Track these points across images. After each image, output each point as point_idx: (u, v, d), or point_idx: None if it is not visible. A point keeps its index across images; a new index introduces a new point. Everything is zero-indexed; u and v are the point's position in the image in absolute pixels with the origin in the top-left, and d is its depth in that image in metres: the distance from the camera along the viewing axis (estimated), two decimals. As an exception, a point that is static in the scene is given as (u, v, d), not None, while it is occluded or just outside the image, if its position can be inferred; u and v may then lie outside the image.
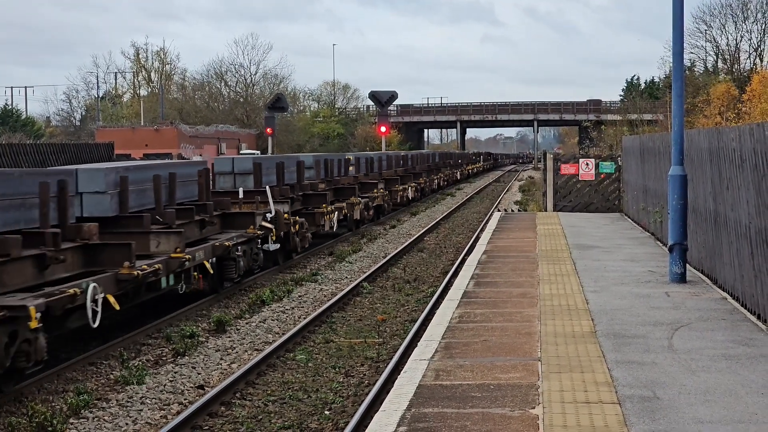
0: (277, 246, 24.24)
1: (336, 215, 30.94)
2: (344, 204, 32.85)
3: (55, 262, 14.72)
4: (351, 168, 39.30)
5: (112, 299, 15.11)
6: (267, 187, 25.26)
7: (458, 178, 79.37)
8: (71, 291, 13.92)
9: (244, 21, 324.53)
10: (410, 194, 48.78)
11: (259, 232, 22.87)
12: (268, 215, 23.88)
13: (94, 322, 14.52)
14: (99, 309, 14.65)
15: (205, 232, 21.19)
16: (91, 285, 14.49)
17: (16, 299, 13.05)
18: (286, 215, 25.00)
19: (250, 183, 26.65)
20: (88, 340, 16.49)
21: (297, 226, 25.96)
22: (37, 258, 14.39)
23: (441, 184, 66.12)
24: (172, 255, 17.61)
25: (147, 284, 16.83)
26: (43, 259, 14.49)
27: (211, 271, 19.99)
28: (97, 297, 14.54)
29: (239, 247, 21.37)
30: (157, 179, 19.25)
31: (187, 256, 17.97)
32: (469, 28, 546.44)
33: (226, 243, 20.61)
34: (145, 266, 16.32)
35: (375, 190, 39.54)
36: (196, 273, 19.29)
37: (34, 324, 12.79)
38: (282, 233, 24.73)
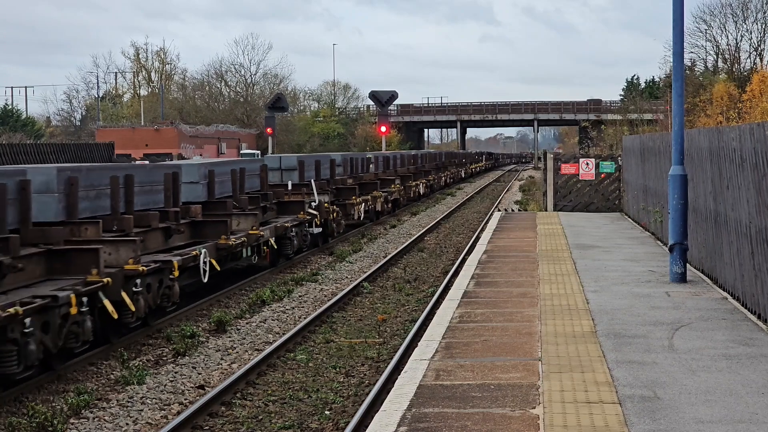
0: (320, 230, 28.80)
1: (363, 206, 35.55)
2: (369, 197, 37.36)
3: (177, 233, 19.81)
4: (371, 166, 43.78)
5: (214, 262, 19.81)
6: (312, 180, 30.12)
7: (463, 176, 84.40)
8: (194, 252, 18.89)
9: (241, 20, 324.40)
10: (421, 190, 53.27)
11: (307, 217, 27.45)
12: (313, 204, 28.62)
13: (204, 277, 19.21)
14: (207, 268, 19.23)
15: (266, 216, 25.51)
16: (203, 249, 19.27)
17: (163, 256, 17.79)
18: (326, 204, 29.70)
19: (294, 177, 30.47)
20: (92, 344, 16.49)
21: (334, 214, 30.77)
22: (165, 229, 19.40)
23: (447, 181, 70.31)
24: (250, 232, 22.21)
25: (232, 254, 21.36)
26: (169, 230, 19.53)
27: (275, 247, 24.39)
28: (205, 259, 19.22)
29: (293, 229, 25.90)
30: (234, 173, 24.11)
31: (262, 233, 22.75)
32: (467, 28, 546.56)
33: (286, 224, 25.23)
34: (234, 239, 20.96)
35: (392, 186, 43.97)
36: (265, 247, 23.57)
37: (176, 273, 17.52)
38: (323, 219, 29.13)
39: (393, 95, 73.98)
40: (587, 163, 33.55)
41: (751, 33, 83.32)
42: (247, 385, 14.07)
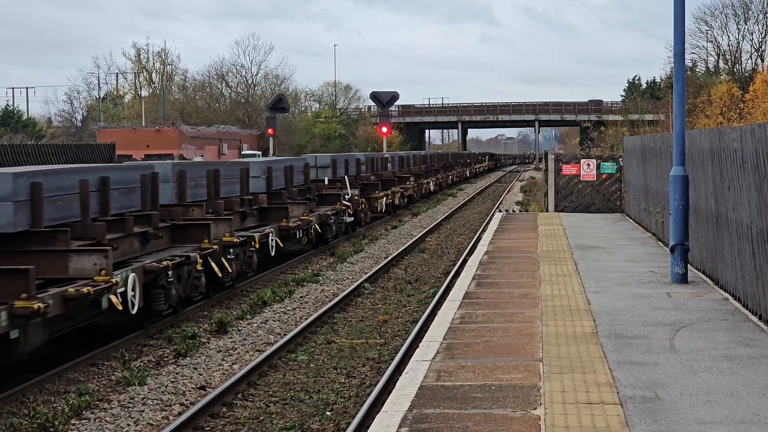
0: (352, 218, 33.64)
1: (384, 200, 40.44)
2: (389, 192, 42.22)
3: (250, 216, 24.73)
4: (389, 165, 48.98)
5: (278, 240, 24.49)
6: (345, 176, 35.22)
7: (468, 175, 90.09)
8: (266, 231, 23.74)
9: (241, 20, 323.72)
10: (432, 187, 59.05)
11: (342, 207, 32.26)
12: (346, 196, 33.34)
13: (272, 251, 24.02)
14: (273, 245, 23.97)
15: (310, 206, 29.39)
16: (272, 229, 24.06)
17: (246, 233, 22.60)
18: (356, 197, 34.68)
19: (328, 174, 35.19)
20: (88, 343, 16.50)
21: (363, 205, 35.95)
22: (241, 213, 24.10)
23: (454, 179, 75.78)
24: (302, 217, 26.76)
25: (288, 235, 25.75)
26: (245, 214, 24.38)
27: (320, 231, 29.14)
28: (273, 237, 23.95)
29: (332, 217, 30.68)
30: (286, 169, 29.10)
31: (311, 218, 27.52)
32: (467, 28, 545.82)
33: (327, 213, 30.32)
34: (292, 222, 25.64)
35: (408, 183, 48.63)
36: (312, 231, 28.05)
37: (256, 246, 22.39)
38: (354, 210, 33.94)
39: (394, 96, 73.98)
40: (588, 164, 33.55)
41: (752, 34, 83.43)
42: (248, 386, 14.07)
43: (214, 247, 19.40)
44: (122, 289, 15.47)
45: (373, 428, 8.97)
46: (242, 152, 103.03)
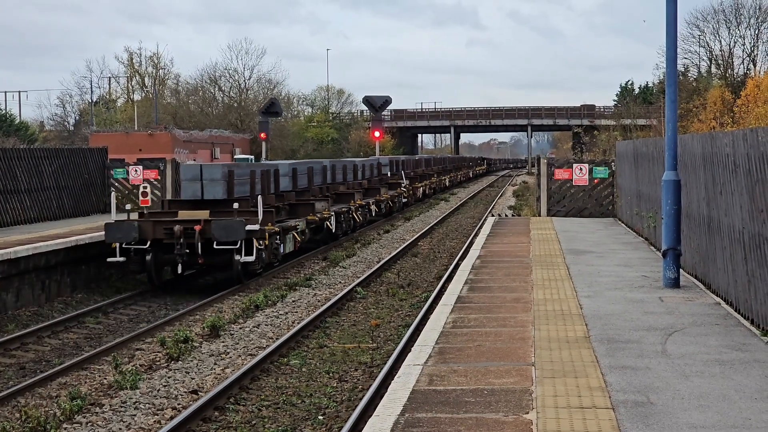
0: (406, 200, 50.47)
1: (421, 189, 58.30)
2: (425, 183, 60.58)
3: (331, 198, 34.10)
4: (422, 164, 65.81)
5: (355, 215, 35.87)
6: (402, 171, 52.32)
7: (471, 175, 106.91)
8: (343, 208, 34.20)
9: (225, 24, 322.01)
10: (447, 183, 75.69)
11: (402, 191, 48.90)
12: (403, 184, 49.53)
13: (367, 217, 37.99)
14: (353, 218, 35.78)
15: (383, 192, 43.59)
16: (334, 211, 32.53)
17: (345, 205, 34.96)
18: (406, 185, 50.52)
19: (388, 170, 50.41)
20: (81, 345, 16.49)
21: (410, 192, 52.19)
22: (327, 196, 33.62)
23: (461, 178, 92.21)
24: (377, 197, 41.43)
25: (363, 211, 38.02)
26: (328, 197, 33.71)
27: (390, 206, 45.34)
28: (352, 213, 35.34)
29: (396, 198, 47.11)
30: (355, 165, 42.56)
31: (387, 197, 44.06)
32: (454, 32, 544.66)
33: (394, 194, 46.68)
34: (364, 201, 38.19)
35: (432, 178, 65.56)
36: (384, 207, 43.10)
37: (333, 220, 32.09)
38: (407, 194, 50.74)
39: (387, 100, 73.89)
40: (581, 169, 33.55)
41: (744, 39, 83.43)
42: (241, 390, 14.07)
43: (317, 217, 29.99)
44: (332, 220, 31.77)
45: (366, 432, 8.97)
46: (234, 156, 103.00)
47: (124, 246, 23.23)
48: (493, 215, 41.91)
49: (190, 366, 15.65)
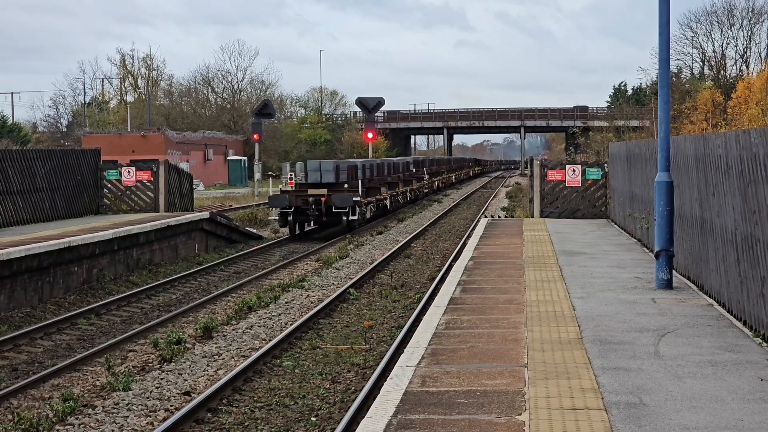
0: (427, 190, 63.58)
1: (436, 183, 72.05)
2: (440, 178, 76.08)
3: (396, 184, 51.55)
4: (435, 163, 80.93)
5: (399, 198, 50.79)
6: (425, 168, 67.61)
7: (471, 174, 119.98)
8: (400, 190, 51.95)
9: (213, 25, 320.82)
10: (453, 180, 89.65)
11: (426, 183, 63.57)
12: (424, 178, 63.71)
13: (404, 201, 54.37)
14: (406, 198, 54.21)
15: (414, 183, 57.58)
16: (390, 194, 47.39)
17: (393, 191, 49.80)
18: (427, 179, 65.57)
19: (413, 168, 62.59)
20: (73, 347, 16.48)
21: (431, 184, 68.11)
22: (389, 183, 49.54)
23: (462, 177, 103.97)
24: (410, 188, 55.73)
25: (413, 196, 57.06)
26: (390, 184, 49.67)
27: (414, 196, 58.33)
28: (398, 197, 50.86)
29: (421, 188, 60.55)
30: (395, 163, 56.36)
31: (415, 187, 58.14)
32: (443, 33, 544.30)
33: (419, 186, 59.72)
34: (405, 189, 53.32)
35: (443, 175, 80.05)
36: (411, 194, 56.57)
37: (389, 200, 47.50)
38: (428, 186, 66.50)
39: (380, 102, 73.93)
40: (574, 170, 33.56)
41: (736, 40, 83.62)
42: (234, 392, 14.06)
43: (389, 195, 46.36)
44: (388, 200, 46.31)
45: (358, 434, 8.96)
46: (228, 158, 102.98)
47: (279, 210, 37.64)
48: (486, 216, 41.94)
49: (182, 367, 15.64)
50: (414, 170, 62.59)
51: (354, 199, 37.52)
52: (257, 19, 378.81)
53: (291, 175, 41.46)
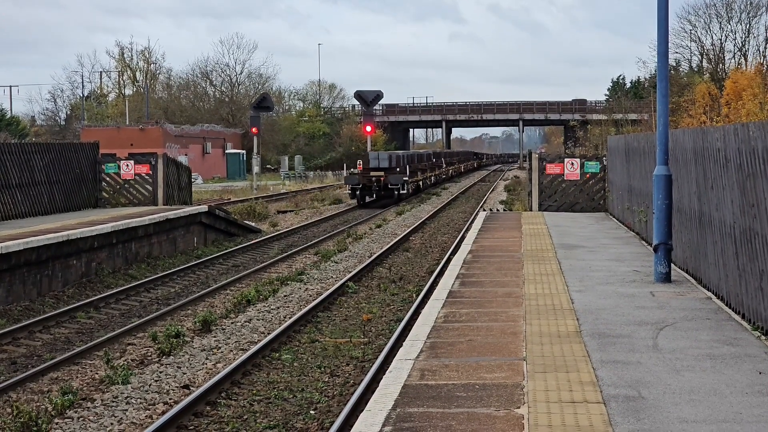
0: (444, 177, 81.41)
1: (451, 171, 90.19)
2: (455, 167, 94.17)
3: (424, 170, 69.46)
4: (450, 155, 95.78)
5: (427, 181, 68.51)
6: (443, 159, 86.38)
7: (476, 166, 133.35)
8: (434, 173, 74.62)
9: (205, 18, 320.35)
10: (462, 169, 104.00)
11: (446, 170, 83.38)
12: (443, 167, 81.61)
13: (430, 184, 71.63)
14: (428, 182, 69.58)
15: (435, 170, 76.20)
16: (423, 177, 66.49)
17: (423, 175, 67.42)
18: (444, 168, 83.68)
19: (433, 158, 77.58)
20: (72, 340, 16.49)
21: (450, 171, 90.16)
22: (419, 169, 66.79)
23: (469, 167, 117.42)
24: (434, 173, 73.78)
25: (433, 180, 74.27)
26: (418, 170, 65.38)
27: (437, 180, 75.94)
28: (427, 180, 68.98)
29: (441, 174, 78.72)
30: (421, 154, 74.86)
31: (437, 173, 76.14)
32: (435, 26, 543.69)
33: (439, 173, 78.42)
34: (430, 174, 71.82)
35: (456, 165, 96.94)
36: (434, 179, 74.16)
37: (421, 182, 66.07)
38: (448, 173, 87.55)
39: (378, 95, 73.93)
40: (572, 163, 33.55)
41: (735, 33, 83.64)
42: (233, 385, 14.07)
43: (424, 177, 65.94)
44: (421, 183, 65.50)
45: (357, 427, 8.96)
46: (226, 151, 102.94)
47: (351, 186, 53.43)
48: (484, 210, 41.94)
49: (181, 361, 15.65)
50: (434, 160, 79.19)
51: (404, 178, 54.11)
52: (248, 12, 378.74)
53: (359, 162, 57.31)
